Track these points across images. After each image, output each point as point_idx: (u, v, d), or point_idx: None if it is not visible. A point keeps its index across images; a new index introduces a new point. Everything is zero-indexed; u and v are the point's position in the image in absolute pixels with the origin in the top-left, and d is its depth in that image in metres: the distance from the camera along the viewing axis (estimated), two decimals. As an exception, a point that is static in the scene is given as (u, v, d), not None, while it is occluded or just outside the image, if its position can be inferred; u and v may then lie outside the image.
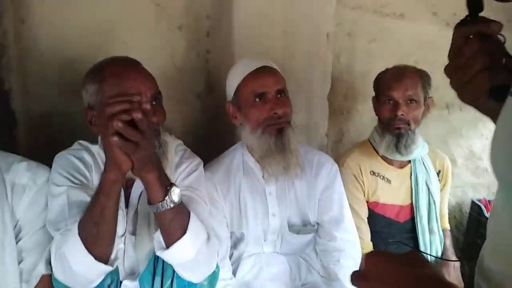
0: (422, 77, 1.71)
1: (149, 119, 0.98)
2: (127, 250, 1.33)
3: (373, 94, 1.88)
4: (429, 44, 2.33)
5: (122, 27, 1.84)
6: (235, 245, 1.54)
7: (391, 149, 1.72)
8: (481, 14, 0.73)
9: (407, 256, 0.66)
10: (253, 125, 1.45)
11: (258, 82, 1.44)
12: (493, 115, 0.74)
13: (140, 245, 1.32)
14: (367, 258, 0.68)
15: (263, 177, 1.52)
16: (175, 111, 1.98)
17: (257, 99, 1.44)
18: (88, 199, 1.20)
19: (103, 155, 1.32)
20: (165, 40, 1.94)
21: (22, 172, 1.24)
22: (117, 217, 1.08)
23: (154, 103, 1.25)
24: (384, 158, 1.81)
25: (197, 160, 1.43)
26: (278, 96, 1.45)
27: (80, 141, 1.36)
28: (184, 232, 1.10)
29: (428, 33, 2.40)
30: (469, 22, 0.73)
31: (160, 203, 1.06)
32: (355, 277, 0.69)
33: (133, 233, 1.32)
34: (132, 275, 1.35)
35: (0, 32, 1.54)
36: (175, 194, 1.07)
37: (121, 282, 1.31)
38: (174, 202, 1.07)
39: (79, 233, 1.04)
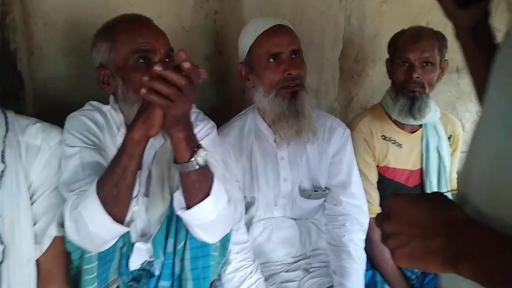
0: (439, 39, 1.66)
1: (193, 73, 0.91)
2: (139, 212, 1.33)
3: (383, 57, 1.84)
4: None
5: (128, -15, 1.78)
6: (246, 209, 1.54)
7: (404, 112, 1.69)
8: None
9: (433, 197, 0.64)
10: (266, 87, 1.41)
11: (273, 42, 1.39)
12: (460, 34, 0.89)
13: (152, 207, 1.33)
14: (391, 200, 0.65)
15: (274, 141, 1.50)
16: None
17: (271, 60, 1.39)
18: (101, 160, 1.19)
19: (115, 115, 1.30)
20: (173, 0, 1.88)
21: (36, 134, 1.22)
22: (136, 178, 1.07)
23: (167, 60, 1.22)
24: (396, 122, 1.78)
25: (211, 122, 1.41)
26: (293, 56, 1.41)
27: (91, 102, 1.34)
28: (207, 194, 1.10)
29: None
30: None
31: (186, 164, 1.05)
32: (380, 218, 0.67)
33: (146, 194, 1.32)
34: (143, 236, 1.36)
35: (3, -11, 1.48)
36: (201, 156, 1.06)
37: (133, 244, 1.33)
38: (199, 164, 1.06)
39: (97, 193, 1.02)
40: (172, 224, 1.27)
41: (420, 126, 1.80)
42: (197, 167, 1.06)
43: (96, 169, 1.15)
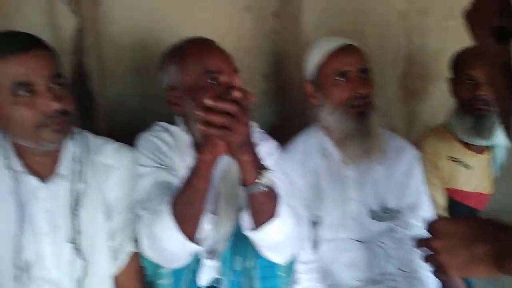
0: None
1: (242, 99, 0.92)
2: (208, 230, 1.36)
3: (447, 75, 1.77)
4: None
5: (191, 8, 1.85)
6: (311, 228, 1.52)
7: (471, 132, 1.62)
8: None
9: (468, 216, 0.73)
10: (334, 105, 1.41)
11: (342, 60, 1.40)
12: (490, 67, 0.97)
13: (220, 224, 1.33)
14: (432, 224, 0.76)
15: (341, 160, 1.49)
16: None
17: (340, 78, 1.40)
18: (172, 179, 1.22)
19: (183, 136, 1.33)
20: (233, 21, 1.94)
21: (111, 154, 1.29)
22: (207, 198, 1.09)
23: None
24: (462, 142, 1.71)
25: (274, 142, 1.41)
26: (361, 75, 1.40)
27: (159, 123, 1.38)
28: (274, 215, 1.10)
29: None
30: None
31: (252, 186, 1.05)
32: (426, 240, 0.77)
33: (214, 212, 1.34)
34: (211, 253, 1.38)
35: (80, 16, 1.59)
36: (267, 178, 1.06)
37: (202, 261, 1.35)
38: (265, 186, 1.06)
39: (171, 212, 1.06)
40: (240, 242, 1.28)
41: (489, 146, 1.70)
42: (264, 189, 1.06)
43: (167, 189, 1.18)
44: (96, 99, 1.69)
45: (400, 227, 1.53)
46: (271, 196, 1.10)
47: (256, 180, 1.04)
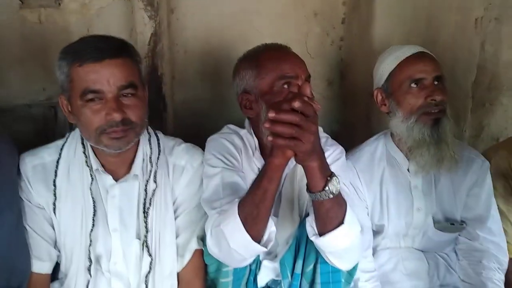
0: None
1: (306, 108, 0.94)
2: None
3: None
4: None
5: (260, 15, 1.90)
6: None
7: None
8: None
9: None
10: (406, 112, 1.39)
11: (416, 68, 1.38)
12: None
13: (281, 227, 1.35)
14: None
15: (408, 169, 1.47)
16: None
17: (413, 85, 1.38)
18: (240, 180, 1.26)
19: (250, 139, 1.37)
20: (300, 28, 1.97)
21: (182, 155, 1.34)
22: (274, 200, 1.11)
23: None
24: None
25: (340, 147, 1.41)
26: (436, 82, 1.39)
27: (229, 125, 1.43)
28: (341, 222, 1.10)
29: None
30: None
31: (319, 193, 1.06)
32: None
33: (275, 214, 1.36)
34: (269, 255, 1.39)
35: (157, 21, 1.66)
36: (334, 185, 1.06)
37: (261, 262, 1.37)
38: (333, 193, 1.06)
39: (239, 213, 1.08)
40: (302, 246, 1.29)
41: None
42: (331, 195, 1.06)
43: (235, 189, 1.22)
44: (167, 101, 1.75)
45: (467, 238, 1.50)
46: (338, 203, 1.10)
47: (324, 187, 1.05)
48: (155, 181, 1.29)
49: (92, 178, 1.26)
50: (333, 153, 1.37)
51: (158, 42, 1.70)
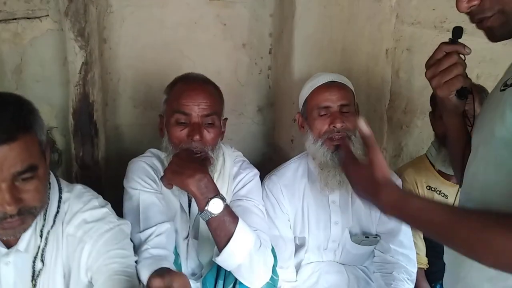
0: (481, 93, 1.69)
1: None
2: (189, 253, 1.44)
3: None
4: (490, 59, 2.28)
5: (191, 46, 2.00)
6: (295, 251, 1.60)
7: (447, 163, 1.71)
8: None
9: None
10: (315, 136, 1.52)
11: (323, 96, 1.51)
12: (450, 115, 1.11)
13: (202, 249, 1.44)
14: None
15: (325, 185, 1.57)
16: (237, 123, 2.10)
17: (322, 112, 1.51)
18: (157, 202, 1.34)
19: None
20: (230, 57, 2.07)
21: (80, 226, 1.14)
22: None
23: (210, 122, 1.36)
24: (441, 173, 1.80)
25: (254, 170, 1.52)
26: (343, 111, 1.50)
27: (151, 149, 1.51)
28: (229, 240, 1.20)
29: (490, 48, 2.34)
30: (452, 42, 1.01)
31: (202, 213, 1.19)
32: None
33: (195, 237, 1.44)
34: (194, 275, 1.45)
35: (87, 51, 1.73)
36: (214, 206, 1.18)
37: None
38: (212, 214, 1.18)
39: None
40: (222, 267, 1.33)
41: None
42: (210, 216, 1.19)
43: (153, 211, 1.31)
44: (99, 127, 1.81)
45: (380, 251, 1.60)
46: (224, 222, 1.20)
47: (206, 208, 1.18)
48: (42, 260, 1.11)
49: None
50: (246, 176, 1.48)
51: (89, 70, 1.76)
